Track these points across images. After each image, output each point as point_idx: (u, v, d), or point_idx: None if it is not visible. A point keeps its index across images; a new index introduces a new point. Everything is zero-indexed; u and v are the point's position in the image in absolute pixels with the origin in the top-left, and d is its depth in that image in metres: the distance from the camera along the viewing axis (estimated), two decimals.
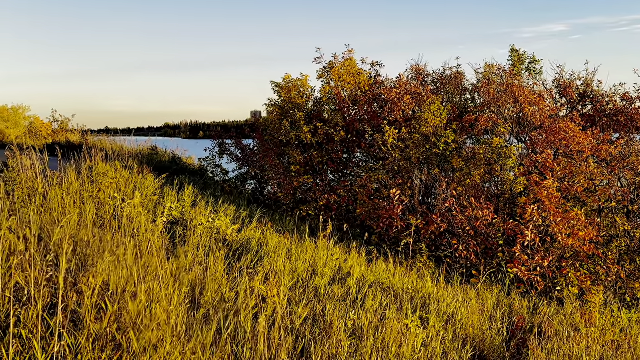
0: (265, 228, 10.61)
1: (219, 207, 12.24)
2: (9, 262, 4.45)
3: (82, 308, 4.09)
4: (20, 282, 4.23)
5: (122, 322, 4.22)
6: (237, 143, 19.40)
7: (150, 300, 4.43)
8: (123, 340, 4.01)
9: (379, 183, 14.74)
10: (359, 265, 9.59)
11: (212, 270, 6.71)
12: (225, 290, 6.40)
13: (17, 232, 4.93)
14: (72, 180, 9.21)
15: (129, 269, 5.08)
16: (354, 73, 16.40)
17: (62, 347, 3.80)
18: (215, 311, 5.88)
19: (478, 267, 11.37)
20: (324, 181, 16.09)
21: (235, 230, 9.74)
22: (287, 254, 8.92)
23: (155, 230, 7.67)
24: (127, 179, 11.89)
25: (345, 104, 16.33)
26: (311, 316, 6.55)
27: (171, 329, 4.27)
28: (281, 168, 16.21)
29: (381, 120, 15.34)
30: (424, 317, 7.55)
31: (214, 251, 7.39)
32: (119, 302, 4.31)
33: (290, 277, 7.66)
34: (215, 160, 19.27)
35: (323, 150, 16.03)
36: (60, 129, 41.25)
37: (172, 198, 11.32)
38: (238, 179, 19.13)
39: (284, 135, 15.90)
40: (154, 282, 4.88)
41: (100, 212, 8.27)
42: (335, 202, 15.09)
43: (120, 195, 9.74)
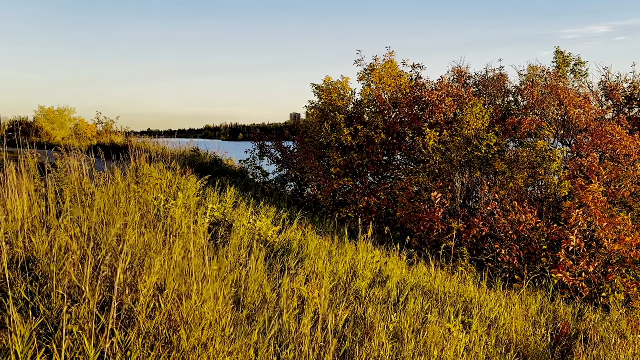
0: (306, 230, 10.64)
1: (259, 208, 12.32)
2: (62, 260, 4.58)
3: (136, 306, 4.18)
4: (74, 280, 4.34)
5: (173, 320, 4.30)
6: (278, 145, 19.53)
7: (201, 300, 4.50)
8: (173, 338, 4.08)
9: (419, 186, 14.66)
10: (400, 268, 9.55)
11: (254, 271, 6.76)
12: (267, 291, 6.45)
13: (70, 231, 5.06)
14: (118, 181, 9.40)
15: (180, 270, 5.18)
16: (394, 75, 16.35)
17: (113, 344, 3.88)
18: (258, 312, 5.94)
19: (521, 272, 11.19)
20: (364, 184, 16.07)
21: (276, 232, 9.80)
22: (327, 256, 8.94)
23: (199, 231, 7.77)
24: (170, 180, 12.07)
25: (386, 106, 16.28)
26: (352, 318, 6.55)
27: (221, 328, 4.33)
28: (321, 170, 16.25)
29: (422, 123, 15.25)
30: (466, 321, 7.47)
31: (256, 252, 7.45)
32: (171, 302, 4.39)
33: (330, 279, 7.68)
34: (256, 162, 19.43)
35: (363, 153, 16.01)
36: (105, 131, 42.13)
37: (214, 199, 11.44)
38: (278, 180, 19.25)
39: (324, 138, 15.93)
40: (202, 282, 4.95)
41: (145, 212, 8.42)
42: (375, 205, 15.06)
43: (165, 196, 9.90)
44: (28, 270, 4.73)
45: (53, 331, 3.95)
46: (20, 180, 5.85)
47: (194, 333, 4.16)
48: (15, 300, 4.10)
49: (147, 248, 6.08)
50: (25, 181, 6.01)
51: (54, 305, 4.21)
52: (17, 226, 5.14)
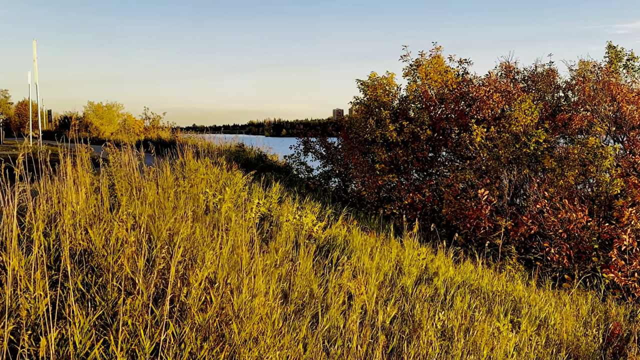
0: (351, 226, 10.64)
1: (304, 204, 12.37)
2: (118, 252, 4.68)
3: (188, 299, 4.25)
4: (128, 273, 4.43)
5: (225, 314, 4.35)
6: (322, 141, 19.58)
7: (251, 294, 4.55)
8: (225, 331, 4.13)
9: (465, 183, 14.49)
10: (446, 265, 9.47)
11: (301, 266, 6.79)
12: (314, 287, 6.47)
13: (126, 224, 5.17)
14: (166, 175, 9.56)
15: (230, 263, 5.24)
16: (441, 71, 16.17)
17: (167, 336, 3.95)
18: (305, 306, 5.97)
19: (571, 272, 10.97)
20: (409, 180, 15.97)
21: (321, 227, 9.83)
22: (372, 252, 8.92)
23: (246, 225, 7.84)
24: (217, 175, 12.23)
25: (431, 102, 16.13)
26: (399, 315, 6.53)
27: (271, 323, 4.37)
28: (365, 166, 16.21)
29: (469, 119, 15.07)
30: (515, 320, 7.37)
31: (301, 248, 7.48)
32: (222, 295, 4.45)
33: (376, 275, 7.66)
34: (300, 157, 19.52)
35: (408, 149, 15.90)
36: (152, 126, 42.93)
37: (259, 194, 11.53)
38: (322, 176, 19.30)
39: (369, 134, 15.87)
40: (253, 277, 4.99)
41: (194, 206, 8.54)
42: (420, 202, 14.96)
43: (212, 190, 10.03)
44: (85, 262, 4.86)
45: (110, 322, 4.04)
46: (76, 174, 6.00)
47: (245, 327, 4.20)
48: (72, 291, 4.20)
49: (197, 242, 6.17)
50: (81, 175, 6.17)
51: (109, 297, 4.31)
52: (75, 219, 5.28)
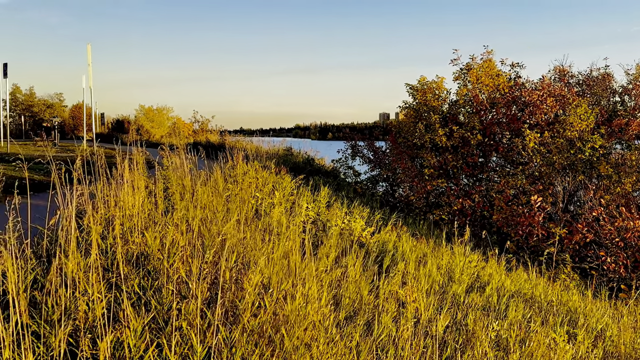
0: (400, 232, 10.53)
1: (352, 208, 12.31)
2: (173, 256, 4.72)
3: (241, 304, 4.24)
4: (182, 276, 4.46)
5: (277, 319, 4.34)
6: (369, 145, 19.48)
7: (305, 300, 4.52)
8: (276, 337, 4.12)
9: (516, 189, 14.19)
10: (498, 273, 9.27)
11: (350, 272, 6.74)
12: (364, 293, 6.41)
13: (179, 227, 5.21)
14: (217, 178, 9.64)
15: (281, 268, 5.23)
16: (492, 75, 15.89)
17: (218, 340, 3.96)
18: (356, 313, 5.92)
19: (628, 282, 10.61)
20: (458, 185, 15.74)
21: (370, 233, 9.75)
22: (422, 259, 8.80)
23: (296, 229, 7.84)
24: (266, 178, 12.28)
25: (482, 106, 15.87)
26: (451, 324, 6.41)
27: (324, 329, 4.33)
28: (414, 171, 16.05)
29: (521, 124, 14.75)
30: (571, 331, 7.15)
31: (352, 253, 7.43)
32: (276, 301, 4.43)
33: (426, 282, 7.55)
34: (348, 161, 19.47)
35: (458, 154, 15.67)
36: (201, 129, 43.52)
37: (307, 198, 11.53)
38: (369, 180, 19.21)
39: (418, 138, 15.71)
40: (305, 283, 4.97)
41: (243, 210, 8.58)
42: (469, 207, 14.71)
43: (261, 194, 10.07)
44: (141, 265, 4.91)
45: (163, 325, 4.07)
46: (132, 177, 6.10)
47: (296, 332, 4.17)
48: (128, 294, 4.25)
49: (249, 246, 6.19)
50: (137, 178, 6.26)
51: (164, 300, 4.34)
52: (132, 222, 5.36)
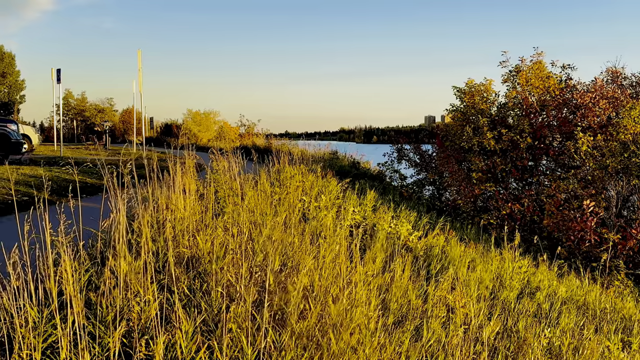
0: (449, 236, 10.41)
1: (398, 212, 12.24)
2: (222, 259, 4.77)
3: (288, 307, 4.26)
4: (231, 279, 4.50)
5: (323, 323, 4.33)
6: (416, 148, 19.36)
7: (352, 304, 4.51)
8: (323, 341, 4.11)
9: (568, 193, 13.86)
10: (549, 279, 9.07)
11: (398, 277, 6.69)
12: (412, 298, 6.36)
13: (229, 231, 5.27)
14: (264, 182, 9.71)
15: (329, 272, 5.23)
16: (542, 77, 15.56)
17: (267, 343, 3.98)
18: (404, 318, 5.88)
19: None
20: (507, 189, 15.48)
21: (417, 237, 9.67)
22: (471, 264, 8.68)
23: (343, 233, 7.83)
24: (312, 182, 12.31)
25: (532, 109, 15.56)
26: (501, 330, 6.31)
27: (371, 333, 4.31)
28: (461, 174, 15.86)
29: (572, 127, 14.42)
30: (626, 339, 6.95)
31: (399, 257, 7.38)
32: (321, 304, 4.43)
33: (476, 288, 7.44)
34: (394, 165, 19.38)
35: (507, 157, 15.41)
36: (247, 133, 43.90)
37: (354, 202, 11.51)
38: (415, 184, 19.08)
39: (465, 142, 15.51)
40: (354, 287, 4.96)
41: (290, 213, 8.62)
42: (519, 212, 14.44)
43: (308, 198, 10.10)
44: (192, 267, 4.98)
45: (214, 328, 4.11)
46: (184, 180, 6.20)
47: (343, 336, 4.16)
48: (178, 296, 4.31)
49: (296, 249, 6.21)
50: (188, 182, 6.36)
51: (214, 303, 4.39)
52: (183, 225, 5.44)
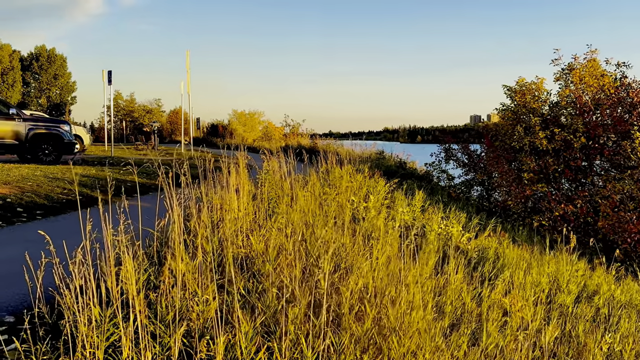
0: (502, 238, 10.21)
1: (448, 213, 12.07)
2: (277, 260, 4.75)
3: (344, 309, 4.21)
4: (284, 280, 4.48)
5: (381, 326, 4.27)
6: (464, 148, 19.09)
7: (409, 307, 4.43)
8: (383, 344, 4.05)
9: (623, 194, 13.45)
10: (607, 283, 8.80)
11: (452, 279, 6.58)
12: (467, 301, 6.24)
13: (284, 231, 5.25)
14: (313, 182, 9.69)
15: (383, 274, 5.16)
16: (597, 75, 15.14)
17: (326, 346, 3.93)
18: (459, 321, 5.77)
19: None
20: (560, 190, 15.11)
21: (468, 238, 9.51)
22: (526, 267, 8.48)
23: (394, 234, 7.74)
24: (360, 182, 12.24)
25: (586, 108, 15.15)
26: (560, 335, 6.14)
27: (430, 337, 4.23)
28: (512, 175, 15.55)
29: (628, 126, 13.98)
30: None
31: (452, 259, 7.25)
32: (378, 306, 4.37)
33: (532, 292, 7.26)
34: (441, 165, 19.15)
35: (559, 157, 15.04)
36: (292, 133, 44.10)
37: (402, 202, 11.40)
38: (463, 184, 18.82)
39: (516, 141, 15.20)
40: (409, 288, 4.88)
41: (340, 214, 8.56)
42: (572, 213, 14.08)
43: (356, 198, 10.03)
44: (246, 268, 4.98)
45: (273, 329, 4.09)
46: (239, 181, 6.22)
47: (403, 341, 4.09)
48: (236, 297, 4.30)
49: (348, 250, 6.16)
50: (242, 182, 6.37)
51: (270, 304, 4.36)
52: (237, 225, 5.45)
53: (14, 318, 4.74)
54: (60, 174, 13.99)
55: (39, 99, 68.74)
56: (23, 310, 4.99)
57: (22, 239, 8.02)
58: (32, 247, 7.26)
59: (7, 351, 3.90)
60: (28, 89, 69.18)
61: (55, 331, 3.83)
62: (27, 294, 5.41)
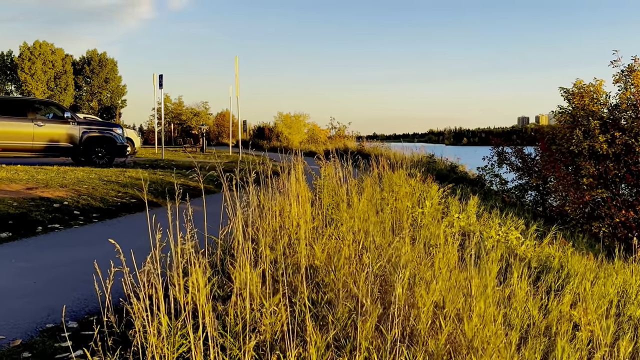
0: (566, 246, 9.87)
1: (504, 219, 11.75)
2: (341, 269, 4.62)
3: (418, 323, 4.05)
4: (353, 291, 4.34)
5: (454, 341, 4.10)
6: (517, 152, 18.64)
7: (482, 322, 4.24)
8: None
9: None
10: None
11: (517, 290, 6.34)
12: (534, 313, 6.00)
13: (345, 239, 5.12)
14: (368, 188, 9.52)
15: (449, 285, 4.98)
16: None
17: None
18: (527, 333, 5.54)
19: None
20: (620, 196, 14.57)
21: (528, 246, 9.21)
22: (592, 277, 8.14)
23: (453, 242, 7.52)
24: (413, 187, 12.01)
25: None
26: (633, 350, 5.85)
27: (510, 356, 4.03)
28: (570, 180, 15.06)
29: None
30: None
31: (514, 269, 6.99)
32: (451, 320, 4.20)
33: (600, 303, 6.95)
34: (494, 169, 18.74)
35: (620, 162, 14.49)
36: (337, 136, 43.97)
37: (456, 208, 11.15)
38: (517, 189, 18.37)
39: (575, 145, 14.71)
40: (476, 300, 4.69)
41: (397, 220, 8.40)
42: (634, 220, 13.55)
43: (410, 203, 9.83)
44: (310, 277, 4.86)
45: (343, 343, 3.95)
46: (299, 187, 6.11)
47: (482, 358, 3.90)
48: (300, 308, 4.18)
49: (412, 259, 5.98)
50: (302, 188, 6.27)
51: (339, 316, 4.23)
52: (299, 233, 5.34)
53: (77, 324, 4.73)
54: (114, 176, 14.18)
55: (90, 102, 70.46)
56: (85, 315, 4.99)
57: (80, 242, 8.11)
58: (90, 251, 7.34)
59: (75, 358, 3.87)
60: (80, 92, 71.03)
61: (125, 341, 3.78)
62: (89, 299, 5.43)
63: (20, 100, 19.61)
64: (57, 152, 17.50)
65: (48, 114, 17.84)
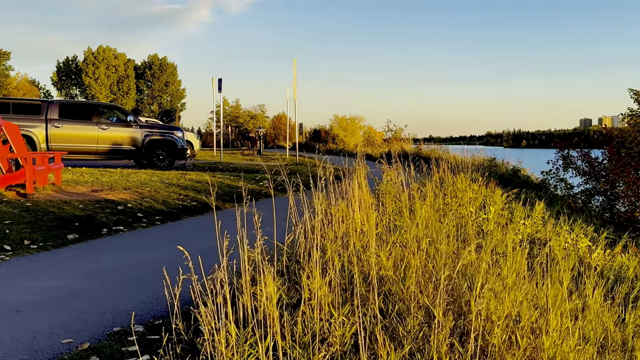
0: (639, 255, 9.42)
1: (571, 225, 11.32)
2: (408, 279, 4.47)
3: (492, 338, 3.86)
4: (424, 302, 4.19)
5: (531, 357, 3.90)
6: (584, 156, 17.99)
7: (561, 337, 4.03)
8: None
9: None
10: None
11: (591, 302, 6.05)
12: (611, 327, 5.70)
13: (410, 247, 4.98)
14: (430, 193, 9.31)
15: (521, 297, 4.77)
16: None
17: None
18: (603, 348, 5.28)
19: None
20: None
21: (601, 254, 8.83)
22: None
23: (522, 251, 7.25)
24: (476, 192, 11.71)
25: None
26: None
27: None
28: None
29: None
30: None
31: (586, 279, 6.68)
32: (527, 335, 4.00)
33: None
34: (559, 173, 18.15)
35: None
36: (394, 138, 43.59)
37: (521, 214, 10.81)
38: (582, 194, 17.74)
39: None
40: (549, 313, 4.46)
41: (462, 227, 8.17)
42: None
43: (472, 209, 9.58)
44: (377, 287, 4.72)
45: (418, 357, 3.80)
46: (362, 194, 5.99)
47: None
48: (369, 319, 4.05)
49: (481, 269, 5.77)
50: (365, 194, 6.14)
51: (409, 328, 4.08)
52: (364, 240, 5.22)
53: (143, 327, 4.73)
54: (175, 179, 14.38)
55: (151, 106, 72.24)
56: (150, 319, 4.99)
57: (144, 244, 8.20)
58: (155, 253, 7.41)
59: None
60: (141, 96, 72.91)
61: (193, 349, 3.73)
62: (154, 302, 5.44)
63: (85, 104, 20.18)
64: (120, 155, 17.90)
65: (111, 117, 18.29)
